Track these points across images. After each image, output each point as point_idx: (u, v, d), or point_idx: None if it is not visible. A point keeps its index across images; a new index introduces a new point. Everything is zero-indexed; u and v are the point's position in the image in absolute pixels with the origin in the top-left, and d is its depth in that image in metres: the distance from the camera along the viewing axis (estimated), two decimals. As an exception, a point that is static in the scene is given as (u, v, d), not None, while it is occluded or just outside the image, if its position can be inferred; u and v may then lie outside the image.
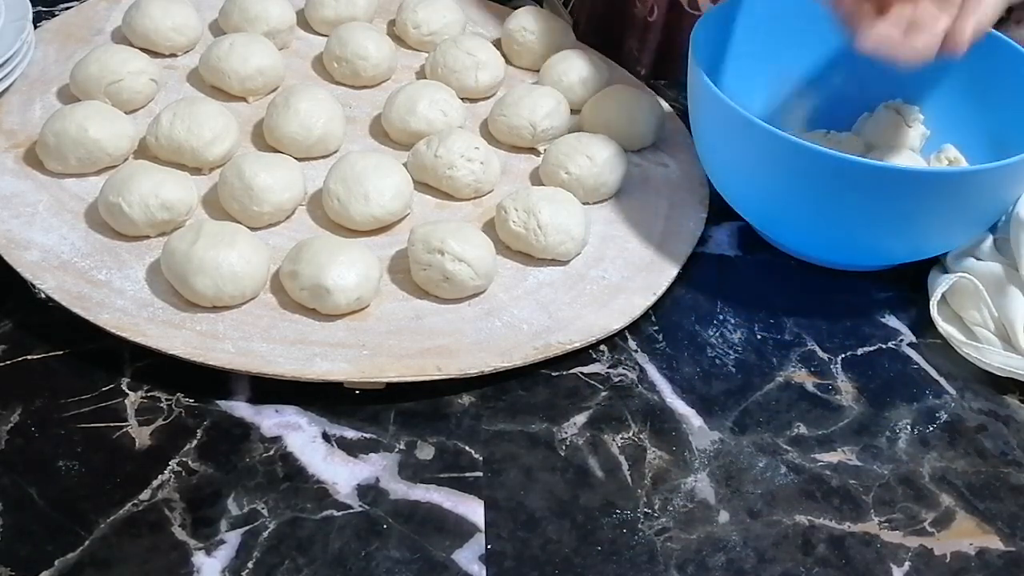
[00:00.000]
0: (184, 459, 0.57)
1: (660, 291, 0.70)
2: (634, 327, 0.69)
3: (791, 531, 0.58)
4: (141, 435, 0.58)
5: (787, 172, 0.68)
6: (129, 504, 0.55)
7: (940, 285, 0.70)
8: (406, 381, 0.62)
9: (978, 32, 0.63)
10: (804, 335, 0.71)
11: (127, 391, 0.61)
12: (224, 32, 0.87)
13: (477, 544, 0.55)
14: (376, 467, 0.58)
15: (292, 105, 0.76)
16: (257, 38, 0.83)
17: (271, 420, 0.60)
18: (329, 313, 0.64)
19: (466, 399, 0.63)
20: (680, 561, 0.56)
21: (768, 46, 0.81)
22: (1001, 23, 0.76)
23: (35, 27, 0.82)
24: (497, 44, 0.90)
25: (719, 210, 0.78)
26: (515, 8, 0.93)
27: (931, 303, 0.71)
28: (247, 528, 0.54)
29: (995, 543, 0.59)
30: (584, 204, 0.74)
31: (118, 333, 0.61)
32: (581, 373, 0.66)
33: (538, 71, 0.89)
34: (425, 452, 0.60)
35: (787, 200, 0.70)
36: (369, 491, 0.57)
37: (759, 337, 0.70)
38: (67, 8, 0.90)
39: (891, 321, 0.73)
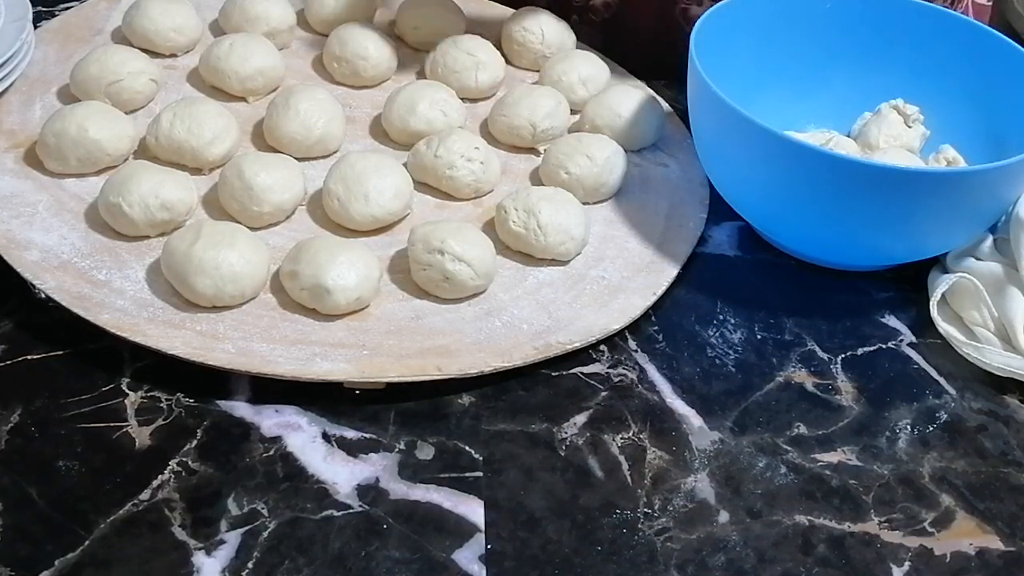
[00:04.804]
0: (184, 459, 0.57)
1: (660, 291, 0.70)
2: (634, 327, 0.69)
3: (791, 531, 0.58)
4: (141, 435, 0.58)
5: (787, 172, 0.68)
6: (129, 504, 0.55)
7: (940, 285, 0.70)
8: (406, 381, 0.62)
9: None
10: (804, 335, 0.71)
11: (127, 391, 0.61)
12: (224, 32, 0.87)
13: (477, 544, 0.55)
14: (376, 467, 0.58)
15: (292, 105, 0.76)
16: (257, 38, 0.83)
17: (271, 420, 0.60)
18: (329, 313, 0.64)
19: (466, 399, 0.63)
20: (680, 561, 0.56)
21: (768, 46, 0.81)
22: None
23: (35, 27, 0.82)
24: (497, 44, 0.90)
25: (719, 210, 0.78)
26: (516, 8, 0.93)
27: (931, 303, 0.71)
28: (247, 528, 0.54)
29: (995, 543, 0.59)
30: (584, 204, 0.74)
31: (118, 333, 0.61)
32: (581, 373, 0.66)
33: (538, 71, 0.89)
34: (425, 452, 0.60)
35: (787, 200, 0.70)
36: (369, 491, 0.57)
37: (759, 337, 0.70)
38: (67, 8, 0.90)
39: (891, 321, 0.73)
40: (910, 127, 0.82)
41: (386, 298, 0.67)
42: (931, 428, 0.65)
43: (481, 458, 0.60)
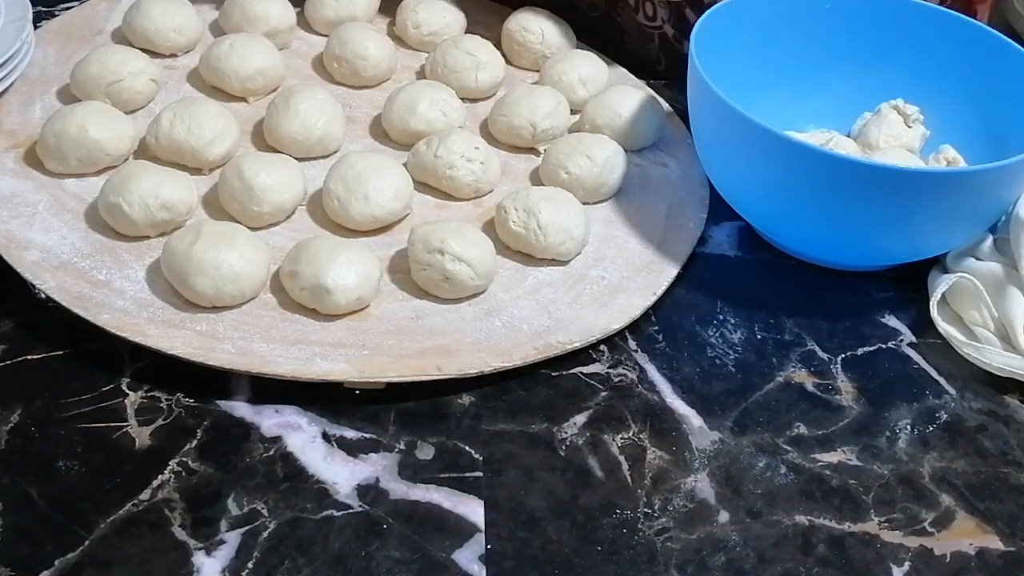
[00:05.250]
0: (184, 459, 0.57)
1: (660, 291, 0.70)
2: (634, 327, 0.69)
3: (791, 531, 0.58)
4: (141, 435, 0.58)
5: (787, 172, 0.68)
6: (129, 504, 0.55)
7: (940, 285, 0.70)
8: (406, 381, 0.62)
9: None
10: (804, 335, 0.71)
11: (127, 391, 0.61)
12: (224, 32, 0.87)
13: (477, 544, 0.55)
14: (376, 467, 0.58)
15: (292, 105, 0.76)
16: (257, 38, 0.83)
17: (271, 420, 0.60)
18: (329, 313, 0.64)
19: (466, 399, 0.63)
20: (680, 561, 0.56)
21: (768, 46, 0.81)
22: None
23: (35, 27, 0.82)
24: (497, 44, 0.90)
25: (719, 210, 0.78)
26: (516, 8, 0.93)
27: (931, 303, 0.71)
28: (247, 528, 0.54)
29: (995, 543, 0.59)
30: (584, 204, 0.74)
31: (118, 333, 0.61)
32: (581, 373, 0.66)
33: (538, 71, 0.89)
34: (425, 452, 0.60)
35: (787, 200, 0.70)
36: (369, 491, 0.57)
37: (759, 337, 0.70)
38: (67, 8, 0.90)
39: (891, 321, 0.73)
40: (910, 127, 0.82)
41: (386, 298, 0.67)
42: (931, 428, 0.65)
43: (481, 458, 0.60)
